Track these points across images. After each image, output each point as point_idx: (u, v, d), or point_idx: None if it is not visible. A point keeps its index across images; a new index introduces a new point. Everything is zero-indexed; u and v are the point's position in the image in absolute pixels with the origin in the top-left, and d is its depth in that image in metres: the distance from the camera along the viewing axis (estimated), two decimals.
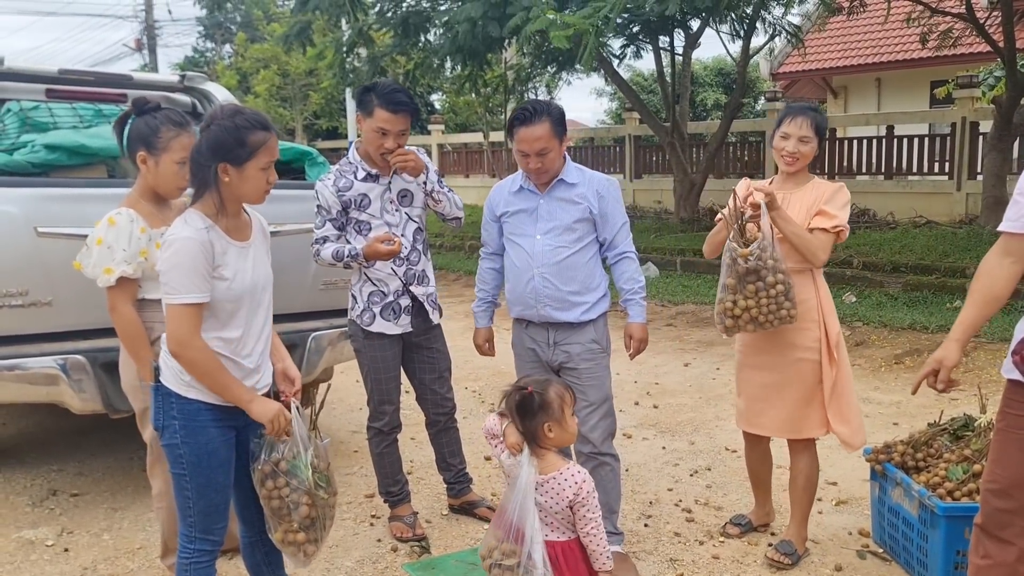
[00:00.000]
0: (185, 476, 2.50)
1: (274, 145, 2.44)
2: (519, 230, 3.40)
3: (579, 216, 3.32)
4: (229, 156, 2.37)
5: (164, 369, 2.49)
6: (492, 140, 18.44)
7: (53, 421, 5.33)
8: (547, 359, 3.38)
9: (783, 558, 3.38)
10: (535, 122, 3.19)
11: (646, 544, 3.63)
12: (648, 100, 21.90)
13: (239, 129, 2.37)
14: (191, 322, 2.37)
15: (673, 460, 4.66)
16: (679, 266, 10.85)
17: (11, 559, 3.55)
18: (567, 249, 3.32)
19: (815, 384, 3.30)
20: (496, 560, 2.33)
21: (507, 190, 3.47)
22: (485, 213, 3.57)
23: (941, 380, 2.58)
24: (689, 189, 13.10)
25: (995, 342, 6.82)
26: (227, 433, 2.54)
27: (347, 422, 5.44)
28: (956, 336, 2.56)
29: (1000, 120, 9.98)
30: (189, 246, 2.35)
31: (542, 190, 3.36)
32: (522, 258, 3.38)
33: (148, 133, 2.93)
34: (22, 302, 3.61)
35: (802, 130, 3.27)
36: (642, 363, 6.56)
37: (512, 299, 3.46)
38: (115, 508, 4.07)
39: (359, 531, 3.81)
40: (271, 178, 2.46)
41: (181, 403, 2.47)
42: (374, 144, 3.46)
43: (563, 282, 3.30)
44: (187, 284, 2.35)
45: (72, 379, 3.63)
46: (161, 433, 2.52)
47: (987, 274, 2.52)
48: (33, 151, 3.87)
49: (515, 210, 3.41)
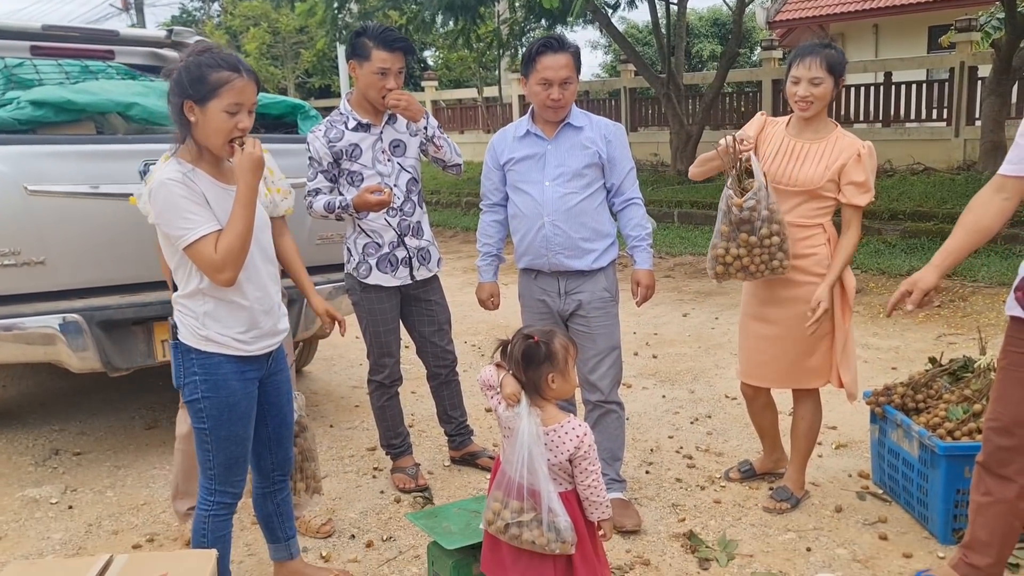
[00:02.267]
0: (206, 430, 2.50)
1: (244, 88, 2.33)
2: (526, 177, 3.32)
3: (588, 161, 3.26)
4: (189, 93, 2.31)
5: (181, 326, 2.47)
6: (486, 95, 18.26)
7: (53, 382, 5.33)
8: (558, 309, 3.34)
9: (780, 504, 3.40)
10: (561, 51, 3.15)
11: (648, 490, 3.65)
12: (643, 52, 21.62)
13: (202, 66, 2.30)
14: (212, 249, 2.32)
15: (673, 408, 4.68)
16: (676, 218, 10.81)
17: (16, 517, 3.57)
18: (577, 195, 3.25)
19: (820, 336, 3.22)
20: (509, 520, 2.26)
21: (511, 136, 3.38)
22: (487, 161, 3.47)
23: (912, 301, 2.61)
24: (685, 141, 13.00)
25: (993, 286, 6.82)
26: (248, 386, 2.53)
27: (347, 377, 5.44)
28: (936, 262, 2.59)
29: (999, 64, 9.87)
30: (171, 187, 2.30)
31: (549, 135, 3.29)
32: (530, 206, 3.30)
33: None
34: (15, 261, 3.58)
35: (812, 71, 3.08)
36: (641, 314, 6.57)
37: (521, 249, 3.39)
38: (118, 466, 4.08)
39: (362, 484, 3.83)
40: (241, 124, 2.35)
41: (201, 358, 2.45)
42: (375, 87, 3.41)
43: (574, 229, 3.25)
44: (190, 220, 2.31)
45: (70, 338, 3.61)
46: (183, 390, 2.51)
47: (979, 206, 2.54)
48: (19, 107, 3.80)
49: (521, 156, 3.33)
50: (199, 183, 2.36)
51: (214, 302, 2.43)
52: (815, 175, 3.13)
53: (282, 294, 2.70)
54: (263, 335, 2.53)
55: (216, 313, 2.44)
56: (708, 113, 13.15)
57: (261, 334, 2.52)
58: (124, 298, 3.80)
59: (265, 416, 2.68)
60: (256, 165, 2.36)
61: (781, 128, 3.30)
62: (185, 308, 2.46)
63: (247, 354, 2.49)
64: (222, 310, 2.44)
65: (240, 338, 2.47)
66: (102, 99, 3.95)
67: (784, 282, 3.22)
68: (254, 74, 2.39)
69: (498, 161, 3.41)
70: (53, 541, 3.37)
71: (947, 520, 3.08)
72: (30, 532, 3.45)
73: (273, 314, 2.56)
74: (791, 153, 3.21)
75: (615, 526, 3.01)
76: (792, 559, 3.06)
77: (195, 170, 2.37)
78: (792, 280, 3.20)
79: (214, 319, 2.44)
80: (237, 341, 2.46)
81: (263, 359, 2.57)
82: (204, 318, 2.43)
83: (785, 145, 3.23)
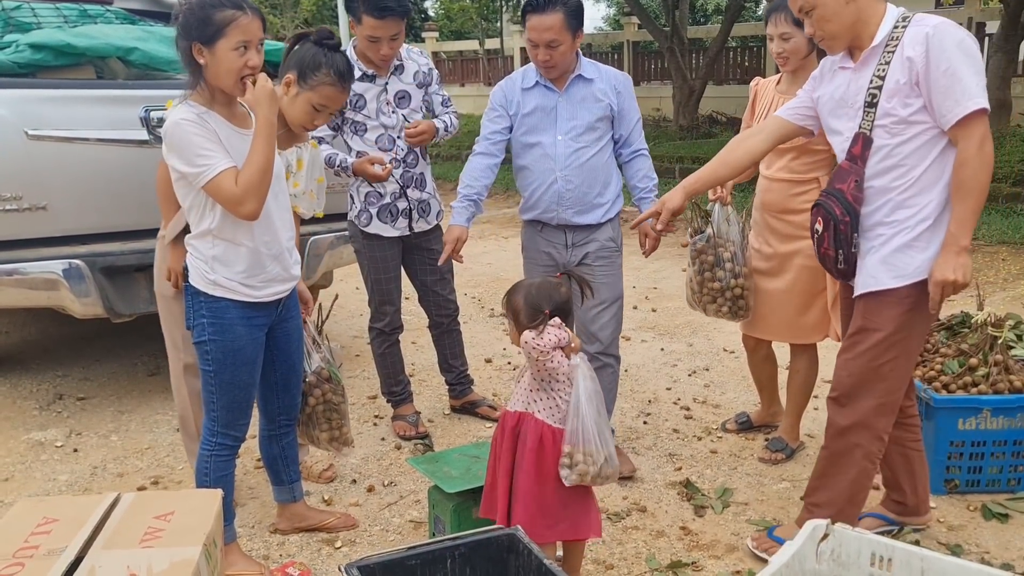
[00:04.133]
0: (211, 372, 2.53)
1: (249, 25, 2.32)
2: (537, 129, 3.21)
3: (601, 114, 3.19)
4: (197, 34, 2.30)
5: (192, 270, 2.49)
6: (488, 47, 18.05)
7: (56, 328, 5.36)
8: (564, 261, 3.31)
9: (774, 455, 3.45)
10: (548, 11, 3.00)
11: (645, 440, 3.70)
12: (647, 5, 21.32)
13: (205, 7, 2.29)
14: (232, 183, 2.31)
15: (671, 361, 4.72)
16: (678, 173, 10.76)
17: (22, 459, 3.62)
18: (589, 149, 3.19)
19: (817, 290, 3.27)
20: (589, 466, 2.28)
21: (519, 85, 3.25)
22: (493, 103, 3.29)
23: (662, 221, 2.80)
24: (688, 96, 12.90)
25: (992, 244, 6.83)
26: (255, 332, 2.55)
27: (348, 327, 5.48)
28: (684, 184, 2.82)
29: (1007, 20, 9.75)
30: (185, 126, 2.30)
31: (560, 86, 3.19)
32: (541, 160, 3.21)
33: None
34: (16, 207, 3.58)
35: (779, 27, 3.12)
36: (640, 268, 6.58)
37: (530, 203, 3.30)
38: (121, 411, 4.13)
39: (363, 431, 3.88)
40: (251, 62, 2.34)
41: (209, 301, 2.47)
42: (371, 51, 3.36)
43: (587, 185, 3.21)
44: (207, 156, 2.30)
45: (73, 284, 3.62)
46: (192, 331, 2.54)
47: (735, 141, 2.80)
48: (18, 51, 3.76)
49: (531, 109, 3.21)
50: (213, 123, 2.35)
51: (223, 244, 2.44)
52: None
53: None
54: (271, 280, 2.53)
55: (224, 257, 2.44)
56: (711, 67, 13.03)
57: (269, 279, 2.52)
58: (127, 244, 3.81)
59: (274, 361, 2.71)
60: (270, 96, 2.35)
61: (771, 86, 3.36)
62: (195, 250, 2.48)
63: (255, 300, 2.50)
64: (230, 253, 2.44)
65: (248, 283, 2.48)
66: (102, 43, 3.91)
67: (784, 237, 3.25)
68: (258, 10, 2.38)
69: (506, 110, 3.26)
70: (59, 482, 3.42)
71: (940, 471, 3.12)
72: (36, 474, 3.50)
73: (282, 260, 2.56)
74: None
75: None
76: (786, 507, 3.11)
77: (209, 112, 2.37)
78: (790, 235, 3.23)
79: (222, 263, 2.44)
80: (244, 286, 2.47)
81: (272, 306, 2.59)
82: (212, 262, 2.44)
83: (776, 103, 3.25)
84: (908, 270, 2.41)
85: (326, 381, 2.99)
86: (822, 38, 2.46)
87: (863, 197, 2.44)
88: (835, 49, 2.49)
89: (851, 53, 2.48)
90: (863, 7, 2.38)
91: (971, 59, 2.28)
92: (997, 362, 3.17)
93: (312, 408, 2.97)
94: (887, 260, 2.43)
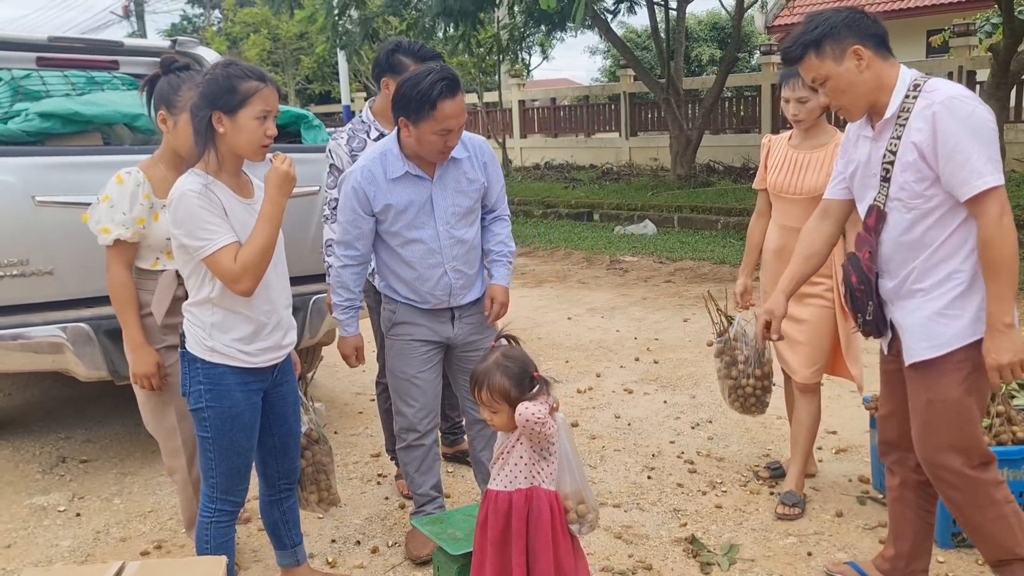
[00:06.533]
0: (209, 439, 2.54)
1: (270, 96, 2.40)
2: (415, 224, 2.98)
3: (476, 196, 3.07)
4: (221, 103, 2.36)
5: (189, 337, 2.51)
6: (486, 100, 18.32)
7: (59, 390, 5.37)
8: (450, 335, 3.14)
9: (790, 510, 3.42)
10: (459, 91, 2.80)
11: (650, 495, 3.68)
12: (643, 57, 21.68)
13: (231, 77, 2.36)
14: (231, 260, 2.36)
15: (674, 414, 4.71)
16: (676, 223, 10.85)
17: (24, 524, 3.61)
18: (470, 231, 3.08)
19: (825, 333, 3.39)
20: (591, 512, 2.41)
21: (383, 177, 2.93)
22: (350, 203, 2.97)
23: (774, 331, 2.80)
24: (685, 146, 13.05)
25: None
26: (252, 397, 2.57)
27: (350, 384, 5.48)
28: (782, 288, 2.79)
29: (997, 68, 9.90)
30: (191, 198, 2.34)
31: (431, 172, 2.97)
32: (426, 256, 3.01)
33: (169, 92, 2.82)
34: (23, 271, 3.62)
35: (796, 91, 3.27)
36: (642, 320, 6.61)
37: (412, 296, 3.08)
38: (124, 473, 4.12)
39: (366, 490, 3.86)
40: (269, 131, 2.41)
41: (206, 368, 2.49)
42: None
43: (470, 267, 3.11)
44: (210, 231, 2.34)
45: (77, 347, 3.65)
46: (188, 398, 2.55)
47: (807, 234, 2.78)
48: (27, 120, 3.85)
49: (404, 204, 2.95)
50: (218, 195, 2.40)
51: (222, 312, 2.47)
52: (818, 182, 3.25)
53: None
54: (268, 348, 2.56)
55: (223, 324, 2.47)
56: (708, 117, 13.20)
57: (266, 347, 2.55)
58: None
59: (271, 426, 2.71)
60: (284, 181, 2.41)
61: (784, 142, 3.51)
62: (193, 317, 2.51)
63: (251, 366, 2.53)
64: (229, 321, 2.48)
65: (245, 349, 2.50)
66: (109, 111, 4.00)
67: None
68: (275, 82, 2.46)
69: (370, 207, 2.96)
70: (62, 548, 3.40)
71: (946, 524, 3.10)
72: (39, 540, 3.48)
73: (280, 328, 2.60)
74: (794, 164, 3.39)
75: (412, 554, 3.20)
76: (793, 563, 3.09)
77: (215, 182, 2.42)
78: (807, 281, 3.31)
79: (220, 330, 2.47)
80: (242, 352, 2.50)
81: (268, 371, 2.61)
82: (211, 329, 2.47)
83: (788, 157, 3.42)
84: (942, 339, 2.41)
85: (315, 443, 3.01)
86: (839, 108, 2.48)
87: (875, 268, 2.49)
88: (854, 117, 2.51)
89: (871, 119, 2.49)
90: (878, 74, 2.39)
91: (980, 135, 2.28)
92: (999, 413, 3.17)
93: (303, 471, 2.99)
94: (924, 327, 2.44)
